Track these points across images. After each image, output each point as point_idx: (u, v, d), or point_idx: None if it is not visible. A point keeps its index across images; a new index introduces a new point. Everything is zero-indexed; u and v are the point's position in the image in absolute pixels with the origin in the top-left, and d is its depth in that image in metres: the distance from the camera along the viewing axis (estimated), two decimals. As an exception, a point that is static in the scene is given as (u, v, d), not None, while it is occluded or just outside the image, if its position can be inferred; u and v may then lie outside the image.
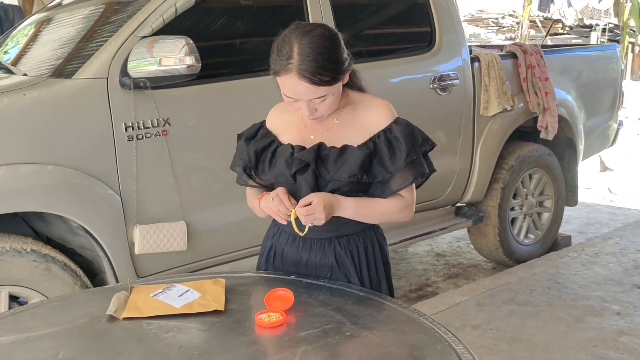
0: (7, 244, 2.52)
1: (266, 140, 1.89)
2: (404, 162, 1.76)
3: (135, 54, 2.67)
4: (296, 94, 1.71)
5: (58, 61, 2.90)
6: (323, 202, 1.74)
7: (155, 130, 2.75)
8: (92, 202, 2.64)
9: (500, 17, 17.60)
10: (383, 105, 1.83)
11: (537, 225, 4.60)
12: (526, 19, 15.08)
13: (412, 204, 1.87)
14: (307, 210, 1.72)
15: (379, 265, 1.92)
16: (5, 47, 3.54)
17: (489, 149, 4.08)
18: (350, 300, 1.73)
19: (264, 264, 1.99)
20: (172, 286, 1.77)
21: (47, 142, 2.55)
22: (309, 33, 1.68)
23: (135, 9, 2.89)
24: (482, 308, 3.62)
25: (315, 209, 1.72)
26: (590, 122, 4.84)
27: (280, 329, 1.57)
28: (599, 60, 5.08)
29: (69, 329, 1.60)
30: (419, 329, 1.58)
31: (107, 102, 2.65)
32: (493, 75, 3.99)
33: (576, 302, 3.71)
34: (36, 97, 2.59)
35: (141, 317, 1.63)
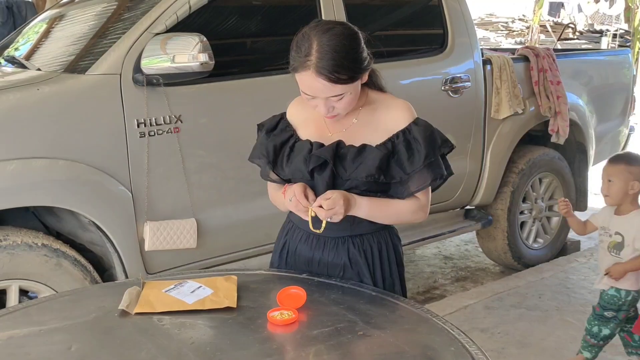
0: (18, 238, 2.52)
1: (285, 135, 1.88)
2: (422, 164, 1.76)
3: (149, 51, 2.68)
4: (314, 92, 1.70)
5: (71, 57, 2.91)
6: (342, 195, 1.73)
7: (167, 127, 2.75)
8: (103, 198, 2.65)
9: (510, 21, 17.57)
10: (403, 106, 1.82)
11: (547, 229, 4.58)
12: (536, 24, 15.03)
13: (427, 205, 1.86)
14: (328, 204, 1.71)
15: (393, 266, 1.91)
16: (18, 43, 3.56)
17: (500, 152, 4.07)
18: (362, 299, 1.72)
19: (277, 261, 1.99)
20: (184, 282, 1.77)
21: (60, 137, 2.56)
22: (329, 31, 1.68)
23: (149, 5, 2.90)
24: (490, 312, 3.61)
25: (336, 203, 1.71)
26: (601, 127, 4.83)
27: (293, 327, 1.57)
28: (611, 65, 5.07)
29: (81, 322, 1.60)
30: (432, 329, 1.57)
31: (120, 98, 2.65)
32: (505, 78, 3.97)
33: (585, 307, 3.68)
34: (49, 92, 2.60)
35: (153, 313, 1.62)
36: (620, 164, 2.73)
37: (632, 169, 2.70)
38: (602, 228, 2.79)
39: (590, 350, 2.86)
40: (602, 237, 2.79)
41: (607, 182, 2.73)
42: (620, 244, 2.71)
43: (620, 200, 2.72)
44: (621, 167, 2.71)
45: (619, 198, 2.72)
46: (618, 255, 2.73)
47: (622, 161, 2.75)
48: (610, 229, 2.75)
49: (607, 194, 2.74)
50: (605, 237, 2.77)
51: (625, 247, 2.69)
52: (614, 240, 2.73)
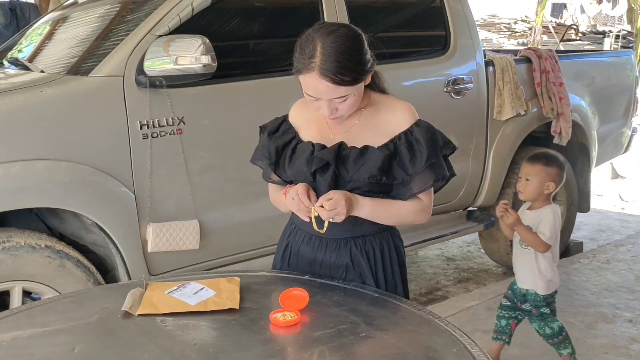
0: (21, 240, 2.53)
1: (287, 137, 1.89)
2: (424, 165, 1.76)
3: (152, 53, 2.68)
4: (317, 93, 1.71)
5: (74, 59, 2.92)
6: (343, 195, 1.74)
7: (170, 129, 2.76)
8: (106, 200, 2.65)
9: (513, 22, 17.57)
10: (405, 107, 1.83)
11: (549, 231, 4.57)
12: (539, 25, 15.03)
13: (430, 206, 1.86)
14: (330, 205, 1.72)
15: (395, 267, 1.91)
16: (21, 45, 3.57)
17: (502, 153, 4.07)
18: (364, 301, 1.73)
19: (280, 262, 2.00)
20: (187, 284, 1.77)
21: (63, 139, 2.56)
22: (333, 33, 1.68)
23: (151, 7, 2.90)
24: (492, 313, 3.59)
25: (338, 203, 1.72)
26: (604, 128, 4.82)
27: (295, 328, 1.57)
28: (614, 66, 5.07)
29: (84, 324, 1.61)
30: (435, 331, 1.58)
31: (123, 100, 2.66)
32: (507, 79, 3.98)
33: (588, 308, 3.69)
34: (52, 93, 2.60)
35: (156, 314, 1.63)
36: (539, 164, 2.75)
37: (550, 169, 2.74)
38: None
39: (563, 346, 2.91)
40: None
41: (525, 180, 2.75)
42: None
43: (535, 198, 2.78)
44: (539, 167, 2.74)
45: (534, 196, 2.77)
46: (528, 248, 2.79)
47: (540, 161, 2.77)
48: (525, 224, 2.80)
49: (522, 192, 2.78)
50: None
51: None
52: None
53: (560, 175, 2.79)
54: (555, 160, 2.82)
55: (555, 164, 2.78)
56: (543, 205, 2.78)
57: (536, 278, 2.83)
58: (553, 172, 2.75)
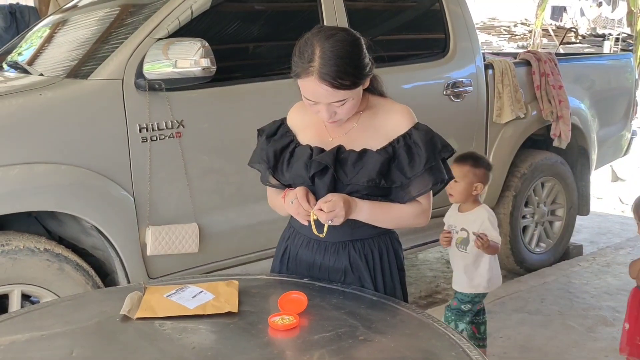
0: (20, 243, 2.53)
1: (285, 140, 1.89)
2: (423, 168, 1.76)
3: (151, 56, 2.69)
4: (316, 97, 1.71)
5: (74, 62, 2.92)
6: (341, 198, 1.74)
7: (170, 132, 2.76)
8: (105, 203, 2.65)
9: (513, 25, 17.58)
10: (403, 111, 1.83)
11: (549, 233, 4.58)
12: (539, 28, 15.03)
13: (429, 209, 1.86)
14: (328, 207, 1.72)
15: (394, 270, 1.91)
16: (21, 48, 3.57)
17: (502, 156, 4.07)
18: (363, 304, 1.73)
19: (279, 266, 2.00)
20: (186, 287, 1.77)
21: (62, 142, 2.56)
22: (332, 37, 1.68)
23: (151, 11, 2.90)
24: (492, 316, 3.60)
25: (336, 205, 1.72)
26: (604, 131, 4.83)
27: (294, 331, 1.57)
28: (613, 69, 5.07)
29: (83, 327, 1.61)
30: (433, 334, 1.57)
31: (122, 103, 2.66)
32: (507, 82, 3.98)
33: (588, 311, 3.68)
34: (52, 97, 2.60)
35: (154, 318, 1.63)
36: (466, 165, 2.75)
37: (477, 171, 2.75)
38: (450, 226, 2.86)
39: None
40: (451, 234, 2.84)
41: (453, 182, 2.69)
42: (466, 239, 2.78)
43: (464, 200, 2.79)
44: (467, 168, 2.74)
45: (462, 197, 2.78)
46: (465, 251, 2.80)
47: (468, 162, 2.76)
48: (456, 226, 2.82)
49: (451, 193, 2.78)
50: (453, 233, 2.83)
51: (470, 241, 2.75)
52: (460, 236, 2.80)
53: (487, 176, 2.81)
54: (482, 161, 2.83)
55: (482, 165, 2.79)
56: (474, 207, 2.80)
57: (474, 279, 2.83)
58: (480, 173, 2.76)
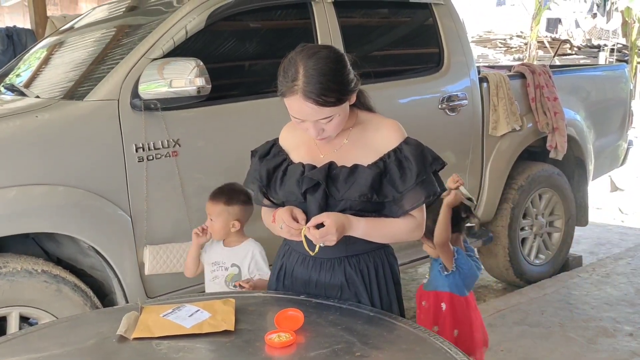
0: (18, 265, 2.53)
1: (278, 159, 1.90)
2: (415, 182, 1.77)
3: (146, 76, 2.70)
4: (302, 115, 1.73)
5: (70, 83, 2.94)
6: (336, 224, 1.75)
7: (166, 151, 2.77)
8: (102, 223, 2.65)
9: (508, 37, 17.66)
10: (392, 125, 1.84)
11: (548, 245, 4.58)
12: (534, 40, 15.12)
13: (423, 222, 1.87)
14: (320, 233, 1.73)
15: (390, 285, 1.92)
16: (18, 70, 3.59)
17: (498, 169, 4.08)
18: (360, 320, 1.73)
19: (275, 283, 2.00)
20: (182, 306, 1.77)
21: (59, 164, 2.57)
22: (314, 55, 1.70)
23: (146, 31, 2.93)
24: (492, 329, 3.59)
25: (328, 232, 1.73)
26: (600, 141, 4.84)
27: (291, 349, 1.57)
28: (608, 80, 5.09)
29: (79, 349, 1.60)
30: (430, 349, 1.57)
31: (118, 124, 2.67)
32: (502, 95, 4.00)
33: (588, 323, 3.67)
34: (48, 118, 2.62)
35: (151, 337, 1.63)
36: (220, 204, 2.57)
37: (231, 209, 2.56)
38: (215, 263, 2.64)
39: None
40: (216, 272, 2.64)
41: (209, 220, 2.59)
42: (237, 275, 2.60)
43: (225, 236, 2.62)
44: (220, 207, 2.56)
45: (223, 235, 2.61)
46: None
47: (221, 200, 2.57)
48: (225, 262, 2.63)
49: (211, 232, 2.60)
50: (221, 271, 2.63)
51: (242, 277, 2.58)
52: (232, 273, 2.62)
53: (246, 210, 2.62)
54: (237, 196, 2.60)
55: (236, 201, 2.58)
56: (240, 240, 2.63)
57: None
58: (235, 211, 2.57)
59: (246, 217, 2.63)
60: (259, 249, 2.63)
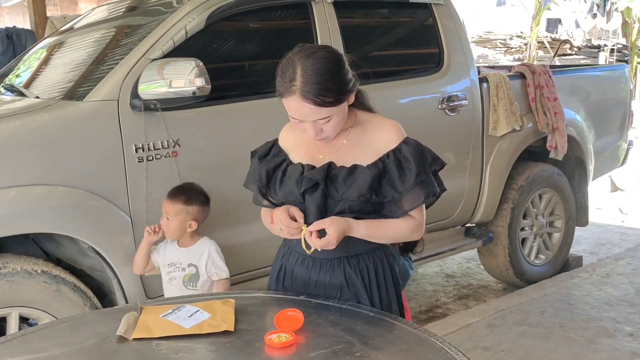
0: (17, 265, 2.53)
1: (277, 160, 1.90)
2: (414, 182, 1.77)
3: (146, 76, 2.70)
4: (301, 115, 1.73)
5: (70, 84, 2.93)
6: (337, 232, 1.75)
7: (166, 152, 2.77)
8: (102, 223, 2.65)
9: (508, 38, 17.66)
10: (392, 126, 1.84)
11: (548, 245, 4.57)
12: (534, 40, 15.13)
13: (423, 223, 1.87)
14: (321, 243, 1.75)
15: (389, 285, 1.92)
16: (17, 71, 3.59)
17: (498, 169, 4.07)
18: (360, 320, 1.73)
19: (274, 284, 2.00)
20: (182, 307, 1.77)
21: (58, 164, 2.57)
22: (312, 55, 1.70)
23: (145, 32, 2.92)
24: (493, 329, 3.59)
25: (329, 242, 1.75)
26: (600, 142, 4.84)
27: (290, 349, 1.57)
28: (608, 80, 5.09)
29: (79, 349, 1.60)
30: (430, 349, 1.57)
31: (118, 124, 2.67)
32: (502, 95, 4.00)
33: (588, 323, 3.67)
34: (48, 119, 2.62)
35: (151, 338, 1.63)
36: (179, 203, 2.58)
37: (190, 209, 2.58)
38: (171, 264, 2.65)
39: None
40: (173, 273, 2.65)
41: (165, 219, 2.60)
42: (195, 275, 2.63)
43: (180, 236, 2.63)
44: (179, 207, 2.57)
45: (178, 234, 2.62)
46: (195, 287, 2.64)
47: (180, 200, 2.59)
48: (181, 263, 2.64)
49: (165, 230, 2.61)
50: (178, 272, 2.64)
51: (200, 277, 2.62)
52: (189, 273, 2.63)
53: (203, 211, 2.64)
54: (196, 196, 2.63)
55: (195, 201, 2.61)
56: (195, 240, 2.64)
57: None
58: (194, 211, 2.59)
59: (203, 218, 2.66)
60: (215, 246, 2.64)
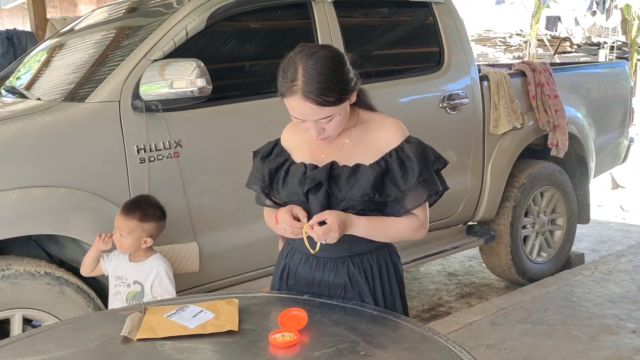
0: (21, 267, 2.53)
1: (280, 159, 1.90)
2: (417, 181, 1.77)
3: (147, 77, 2.70)
4: (302, 115, 1.73)
5: (71, 85, 2.93)
6: (337, 220, 1.74)
7: (167, 152, 2.77)
8: (104, 225, 2.64)
9: (508, 36, 17.65)
10: (394, 124, 1.84)
11: (550, 243, 4.58)
12: (534, 38, 15.12)
13: (426, 222, 1.87)
14: (323, 230, 1.73)
15: (393, 284, 1.91)
16: (18, 73, 3.59)
17: (500, 167, 4.08)
18: (363, 319, 1.73)
19: (278, 283, 2.00)
20: (186, 307, 1.77)
21: (60, 165, 2.57)
22: (313, 55, 1.70)
23: (146, 33, 2.93)
24: (495, 327, 3.59)
25: (331, 228, 1.73)
26: (601, 139, 4.84)
27: (295, 348, 1.57)
28: (608, 78, 5.09)
29: (83, 350, 1.60)
30: (434, 347, 1.57)
31: (120, 125, 2.67)
32: (502, 93, 4.00)
33: (591, 320, 3.67)
34: (49, 121, 2.62)
35: (155, 338, 1.63)
36: (134, 220, 2.46)
37: (146, 226, 2.48)
38: (118, 277, 2.56)
39: None
40: (119, 287, 2.54)
41: (119, 235, 2.48)
42: (140, 293, 2.52)
43: (134, 251, 2.54)
44: (134, 224, 2.46)
45: (131, 251, 2.54)
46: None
47: (135, 217, 2.47)
48: (128, 278, 2.53)
49: (119, 245, 2.51)
50: (123, 287, 2.54)
51: (145, 296, 2.51)
52: (133, 291, 2.53)
53: (159, 227, 2.55)
54: (152, 212, 2.52)
55: (152, 217, 2.50)
56: (147, 256, 2.55)
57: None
58: (150, 228, 2.49)
59: (158, 234, 2.56)
60: (165, 265, 2.53)
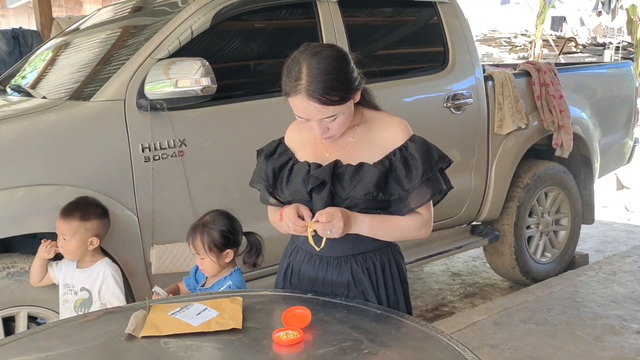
0: (26, 265, 2.54)
1: (284, 158, 1.91)
2: (420, 180, 1.77)
3: (152, 76, 2.71)
4: (307, 114, 1.73)
5: (76, 84, 2.95)
6: (340, 211, 1.75)
7: (172, 151, 2.78)
8: (109, 223, 2.66)
9: (513, 36, 17.64)
10: (398, 123, 1.84)
11: (554, 243, 4.57)
12: (539, 38, 15.10)
13: (430, 221, 1.87)
14: (326, 217, 1.73)
15: (397, 283, 1.92)
16: (24, 72, 3.60)
17: (504, 167, 4.07)
18: (367, 318, 1.73)
19: (282, 282, 2.00)
20: (190, 305, 1.78)
21: (65, 164, 2.58)
22: (318, 54, 1.70)
23: (151, 32, 2.93)
24: (499, 327, 3.59)
25: (334, 215, 1.73)
26: (606, 139, 4.83)
27: (298, 347, 1.57)
28: (614, 78, 5.08)
29: (88, 348, 1.61)
30: (438, 346, 1.57)
31: (125, 124, 2.68)
32: (507, 93, 3.99)
33: (595, 321, 3.67)
34: (55, 119, 2.63)
35: (159, 336, 1.63)
36: (74, 220, 2.37)
37: (88, 224, 2.39)
38: (66, 285, 2.46)
39: None
40: (67, 295, 2.46)
41: (62, 239, 2.40)
42: (88, 300, 2.43)
43: (81, 256, 2.46)
44: (76, 224, 2.37)
45: (78, 255, 2.44)
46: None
47: (75, 217, 2.38)
48: (75, 285, 2.44)
49: (65, 252, 2.42)
50: (71, 295, 2.45)
51: (93, 303, 2.42)
52: (81, 298, 2.44)
53: (104, 224, 2.46)
54: (93, 210, 2.43)
55: (93, 215, 2.41)
56: (94, 261, 2.46)
57: None
58: (93, 226, 2.40)
59: (104, 233, 2.48)
60: (112, 269, 2.46)
